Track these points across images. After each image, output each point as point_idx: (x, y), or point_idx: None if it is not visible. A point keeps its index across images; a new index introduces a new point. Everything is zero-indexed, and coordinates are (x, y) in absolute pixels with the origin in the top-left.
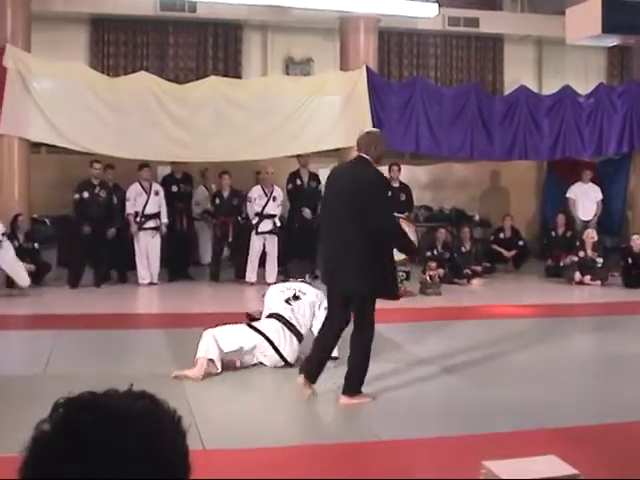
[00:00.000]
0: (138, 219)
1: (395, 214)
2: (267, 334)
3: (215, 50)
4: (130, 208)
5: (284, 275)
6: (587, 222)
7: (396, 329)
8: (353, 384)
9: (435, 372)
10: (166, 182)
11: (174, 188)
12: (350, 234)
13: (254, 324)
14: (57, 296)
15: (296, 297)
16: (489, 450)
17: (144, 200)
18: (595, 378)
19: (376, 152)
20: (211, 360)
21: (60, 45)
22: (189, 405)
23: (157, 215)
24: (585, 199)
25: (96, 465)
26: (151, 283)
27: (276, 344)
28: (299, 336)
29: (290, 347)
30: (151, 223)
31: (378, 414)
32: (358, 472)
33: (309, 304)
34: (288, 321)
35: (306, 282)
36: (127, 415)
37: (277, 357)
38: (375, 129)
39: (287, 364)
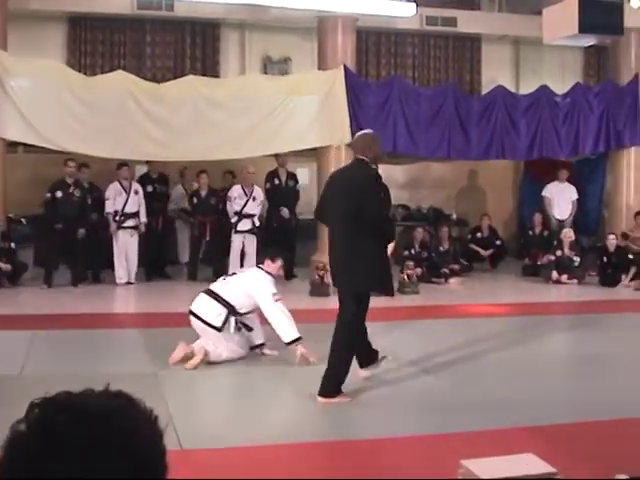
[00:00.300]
0: (117, 218)
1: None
2: (190, 307)
3: (193, 49)
4: (109, 207)
5: None
6: (562, 221)
7: (374, 328)
8: (330, 385)
9: (413, 371)
10: (142, 182)
11: (149, 188)
12: (342, 235)
13: None
14: (34, 296)
15: (234, 274)
16: (467, 449)
17: (124, 199)
18: (572, 377)
19: (371, 153)
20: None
21: (37, 44)
22: (167, 405)
23: (136, 214)
24: (560, 198)
25: (73, 464)
26: (128, 282)
27: (194, 311)
28: (222, 301)
29: (208, 309)
30: (130, 222)
31: (356, 413)
32: (336, 471)
33: (242, 279)
34: (210, 290)
35: (260, 267)
36: (103, 414)
37: (203, 325)
38: (369, 130)
39: (216, 329)
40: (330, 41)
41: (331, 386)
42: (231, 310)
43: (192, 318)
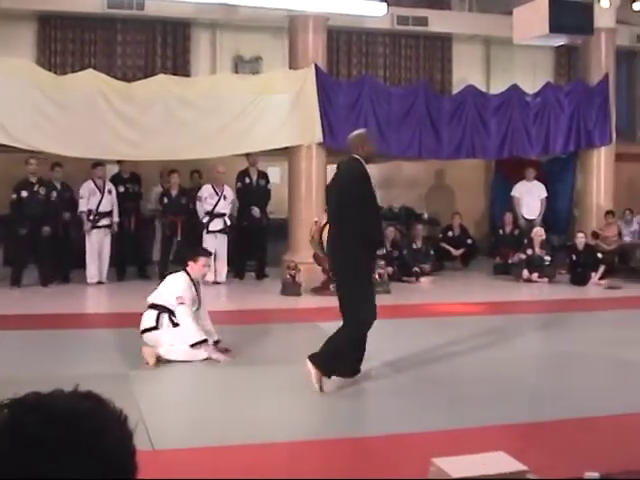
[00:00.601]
0: (92, 217)
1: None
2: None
3: (164, 48)
4: (83, 206)
5: (234, 273)
6: (531, 220)
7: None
8: (322, 359)
9: (383, 370)
10: (114, 182)
11: (121, 188)
12: (333, 232)
13: None
14: (3, 296)
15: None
16: (438, 447)
17: (98, 198)
18: (543, 375)
19: (364, 151)
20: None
21: (6, 42)
22: (138, 405)
23: (110, 213)
24: (529, 197)
25: (41, 465)
26: (99, 282)
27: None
28: (155, 306)
29: (145, 318)
30: (104, 221)
31: (327, 412)
32: (307, 470)
33: (165, 281)
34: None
35: (185, 269)
36: (72, 415)
37: (146, 334)
38: (362, 130)
39: (153, 329)
40: (301, 40)
41: (321, 360)
42: (164, 310)
43: (142, 336)
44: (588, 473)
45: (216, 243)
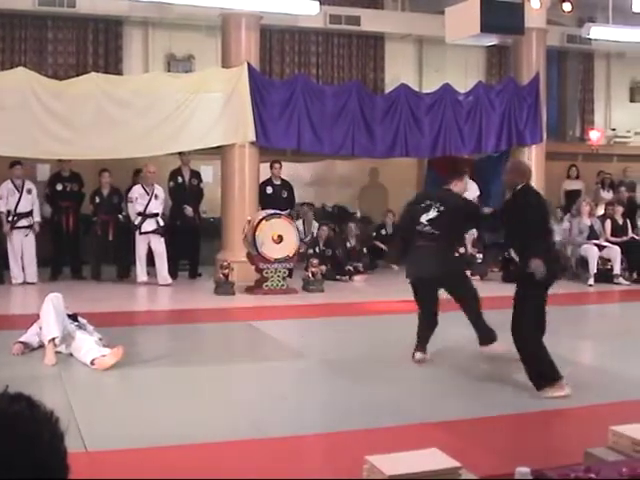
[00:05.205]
0: (10, 218)
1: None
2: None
3: (95, 46)
4: (2, 206)
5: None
6: None
7: (278, 326)
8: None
9: (317, 368)
10: (53, 180)
11: (59, 186)
12: None
13: None
14: None
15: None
16: (372, 445)
17: (16, 198)
18: (476, 372)
19: None
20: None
21: None
22: (71, 406)
23: (30, 213)
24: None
25: None
26: (25, 282)
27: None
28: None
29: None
30: (24, 222)
31: (261, 411)
32: (242, 470)
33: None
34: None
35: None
36: (2, 418)
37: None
38: None
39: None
40: (234, 39)
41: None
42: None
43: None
44: (519, 469)
45: (151, 244)
